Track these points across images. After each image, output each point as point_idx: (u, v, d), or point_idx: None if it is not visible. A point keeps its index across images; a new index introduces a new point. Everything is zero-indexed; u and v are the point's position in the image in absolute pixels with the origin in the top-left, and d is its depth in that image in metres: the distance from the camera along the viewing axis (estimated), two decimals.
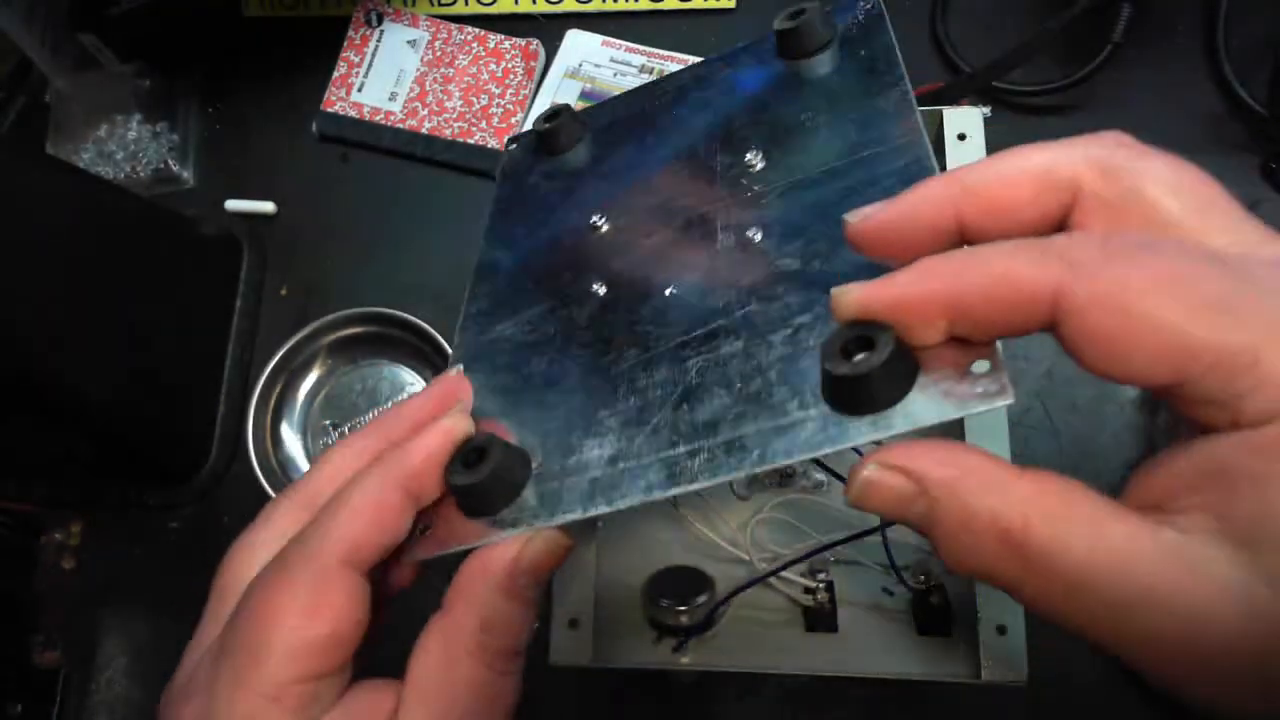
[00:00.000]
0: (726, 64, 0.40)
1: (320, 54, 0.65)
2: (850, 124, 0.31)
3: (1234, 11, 0.55)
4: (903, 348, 0.21)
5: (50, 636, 0.54)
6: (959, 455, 0.20)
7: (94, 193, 0.53)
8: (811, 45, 0.34)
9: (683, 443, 0.26)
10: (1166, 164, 0.21)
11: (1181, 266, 0.18)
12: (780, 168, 0.32)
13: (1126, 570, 0.18)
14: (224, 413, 0.57)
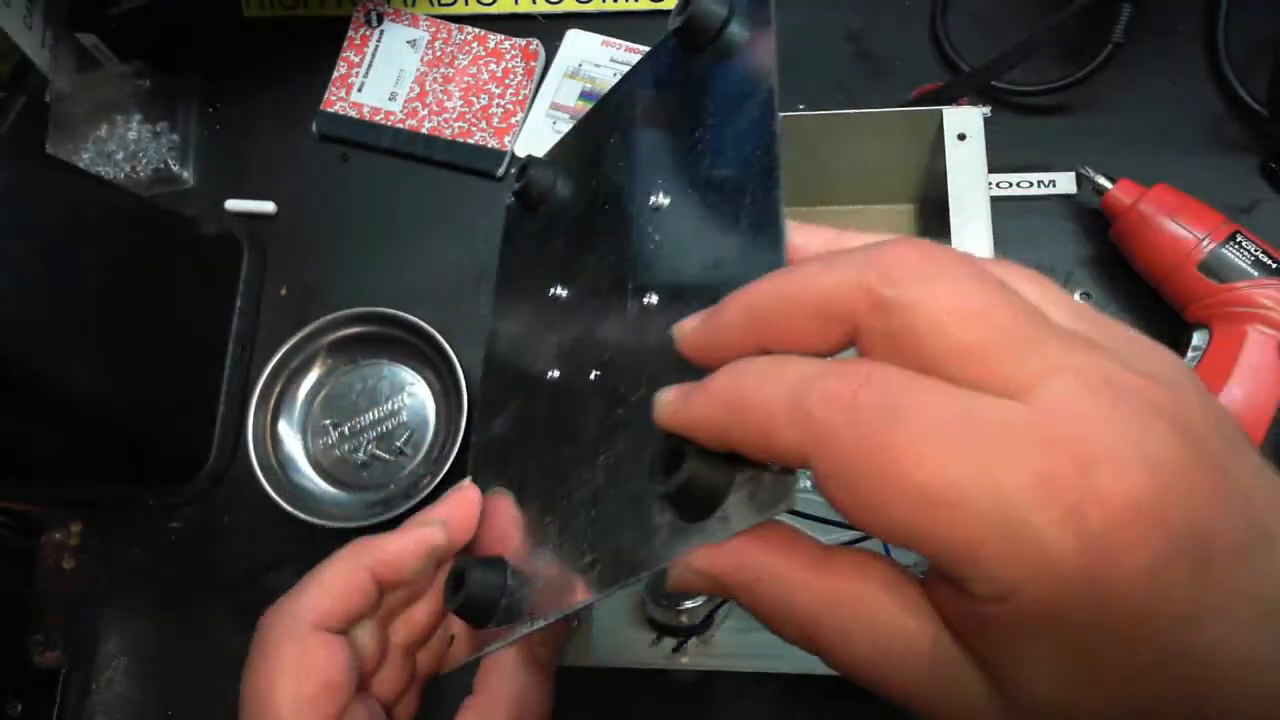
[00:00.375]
0: (640, 77, 0.34)
1: (320, 54, 0.65)
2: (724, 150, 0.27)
3: (1234, 11, 0.55)
4: (704, 464, 0.21)
5: (50, 636, 0.54)
6: (755, 557, 0.22)
7: (94, 193, 0.53)
8: (707, 35, 0.28)
9: (587, 552, 0.26)
10: (949, 290, 0.19)
11: (913, 451, 0.18)
12: (677, 216, 0.29)
13: (901, 671, 0.20)
14: (224, 412, 0.57)
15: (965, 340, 0.18)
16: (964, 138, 0.39)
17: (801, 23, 0.62)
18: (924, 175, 0.42)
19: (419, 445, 0.55)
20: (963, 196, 0.38)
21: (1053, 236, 0.53)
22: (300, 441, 0.56)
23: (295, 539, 0.54)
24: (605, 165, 0.33)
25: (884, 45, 0.61)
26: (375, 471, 0.55)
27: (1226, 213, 0.47)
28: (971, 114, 0.40)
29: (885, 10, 0.61)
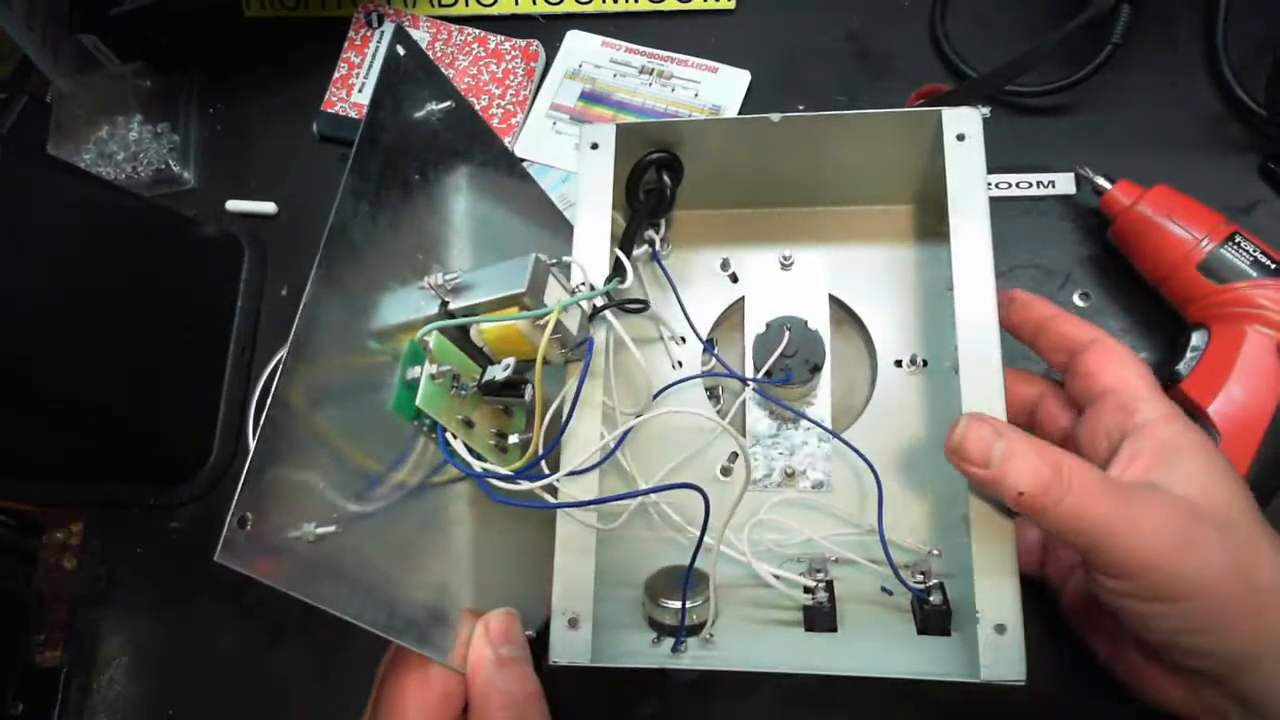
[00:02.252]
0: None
1: (321, 54, 0.65)
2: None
3: (1234, 11, 0.55)
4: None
5: (51, 636, 0.55)
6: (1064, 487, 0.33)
7: (95, 193, 0.53)
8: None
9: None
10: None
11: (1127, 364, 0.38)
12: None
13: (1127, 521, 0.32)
14: (224, 412, 0.57)
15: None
16: (963, 138, 0.39)
17: (801, 23, 0.62)
18: (923, 175, 0.42)
19: None
20: (962, 197, 0.38)
21: (1052, 237, 0.53)
22: None
23: None
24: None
25: (884, 45, 0.61)
26: None
27: (1225, 213, 0.47)
28: (971, 114, 0.39)
29: (885, 10, 0.61)
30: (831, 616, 0.39)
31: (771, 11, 0.62)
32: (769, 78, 0.60)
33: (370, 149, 0.37)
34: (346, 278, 0.35)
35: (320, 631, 0.53)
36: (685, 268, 0.47)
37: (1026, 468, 0.32)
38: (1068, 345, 0.39)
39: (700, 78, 0.61)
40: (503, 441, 0.40)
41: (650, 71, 0.62)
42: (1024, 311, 0.40)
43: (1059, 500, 0.32)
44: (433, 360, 0.37)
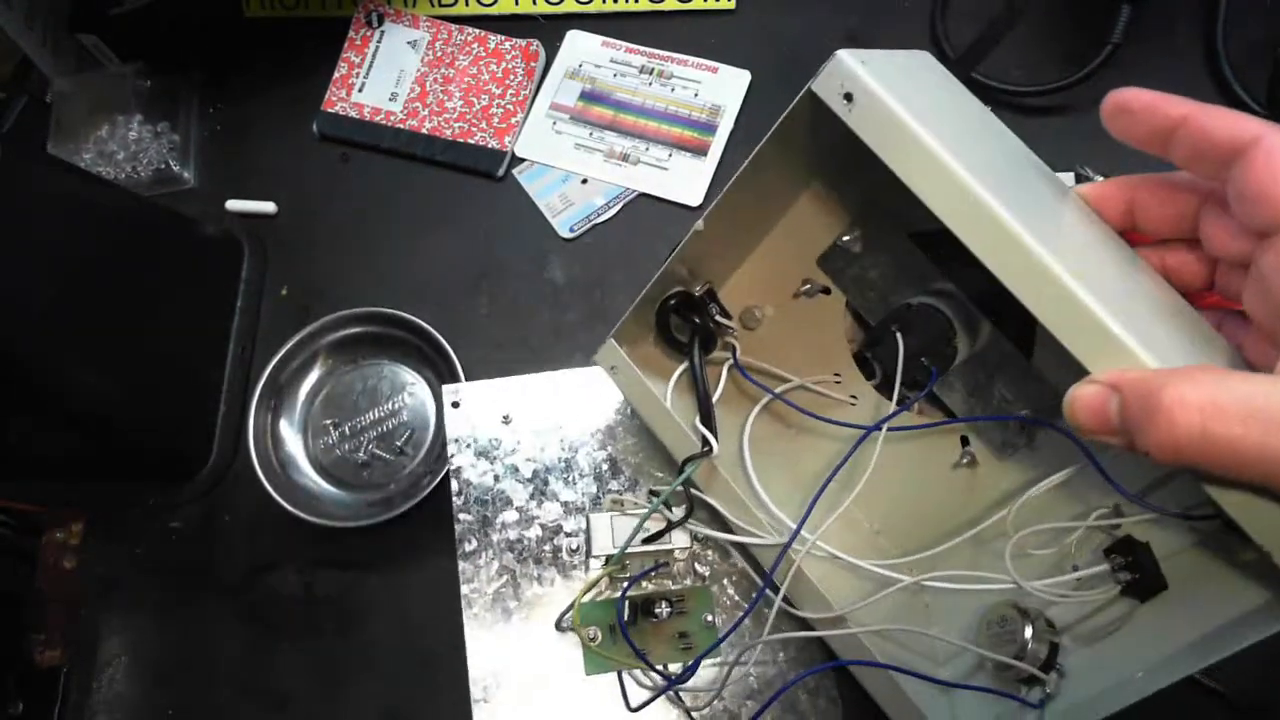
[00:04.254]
0: None
1: (321, 54, 0.65)
2: None
3: (1234, 11, 0.55)
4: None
5: (50, 636, 0.54)
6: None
7: (95, 193, 0.53)
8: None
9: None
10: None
11: None
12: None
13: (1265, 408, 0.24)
14: (224, 412, 0.57)
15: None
16: (851, 98, 0.38)
17: (801, 22, 0.62)
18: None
19: (419, 445, 0.55)
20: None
21: None
22: (301, 441, 0.56)
23: (295, 539, 0.54)
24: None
25: (884, 45, 0.60)
26: (376, 471, 0.55)
27: None
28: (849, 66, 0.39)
29: (885, 10, 0.61)
30: (1157, 573, 0.35)
31: (771, 11, 0.62)
32: (769, 78, 0.60)
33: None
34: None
35: (320, 631, 0.53)
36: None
37: (1163, 425, 0.25)
38: (1216, 153, 0.28)
39: (700, 78, 0.61)
40: (686, 639, 0.46)
41: (650, 71, 0.62)
42: (1143, 119, 0.31)
43: (1218, 447, 0.24)
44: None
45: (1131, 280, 0.32)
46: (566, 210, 0.60)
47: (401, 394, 0.57)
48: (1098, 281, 0.29)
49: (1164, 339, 0.29)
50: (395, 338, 0.57)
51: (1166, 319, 0.31)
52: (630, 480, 0.50)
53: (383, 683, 0.51)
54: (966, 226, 0.30)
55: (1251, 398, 0.24)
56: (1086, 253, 0.31)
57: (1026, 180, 0.34)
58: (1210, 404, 0.24)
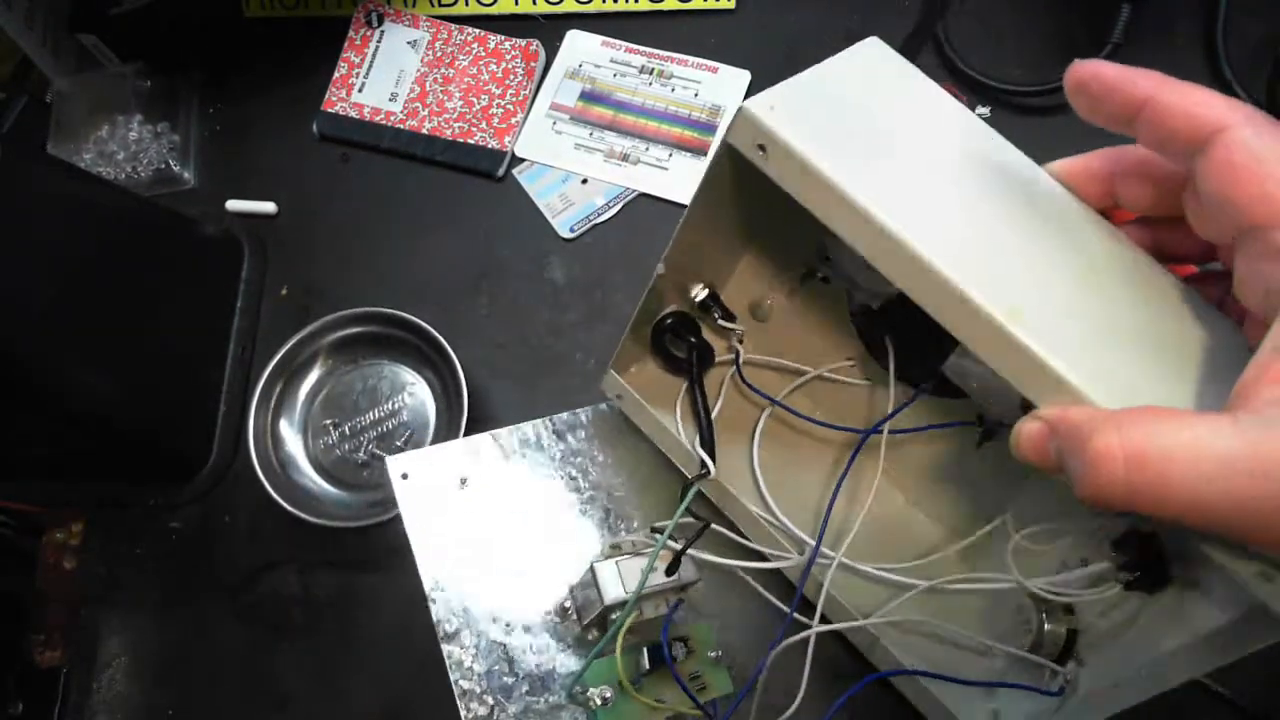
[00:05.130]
0: None
1: (320, 54, 0.65)
2: None
3: (1234, 11, 0.55)
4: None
5: (51, 636, 0.55)
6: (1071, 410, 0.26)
7: (95, 193, 0.53)
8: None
9: None
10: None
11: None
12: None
13: (1208, 446, 0.22)
14: (224, 412, 0.57)
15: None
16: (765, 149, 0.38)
17: (801, 22, 0.62)
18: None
19: (419, 445, 0.55)
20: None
21: None
22: (301, 441, 0.56)
23: (295, 539, 0.54)
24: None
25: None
26: (376, 471, 0.55)
27: None
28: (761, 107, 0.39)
29: (885, 10, 0.61)
30: (1162, 569, 0.34)
31: (771, 11, 0.62)
32: (769, 78, 0.60)
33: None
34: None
35: (320, 631, 0.53)
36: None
37: (1088, 473, 0.24)
38: (1178, 143, 0.26)
39: (700, 77, 0.61)
40: (699, 680, 0.43)
41: (650, 71, 0.62)
42: (1103, 102, 0.28)
43: (1143, 497, 0.24)
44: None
45: (1095, 292, 0.30)
46: (566, 210, 0.59)
47: (401, 394, 0.57)
48: (1044, 310, 0.28)
49: (1120, 367, 0.28)
50: (395, 338, 0.57)
51: (1133, 336, 0.29)
52: (609, 524, 0.47)
53: (383, 683, 0.51)
54: (893, 271, 0.29)
55: (1175, 449, 0.23)
56: (1039, 267, 0.30)
57: (981, 178, 0.33)
58: (1135, 454, 0.23)
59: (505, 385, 0.56)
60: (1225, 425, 0.23)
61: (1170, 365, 0.28)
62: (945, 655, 0.42)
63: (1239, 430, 0.22)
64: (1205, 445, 0.22)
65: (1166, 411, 0.24)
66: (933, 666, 0.41)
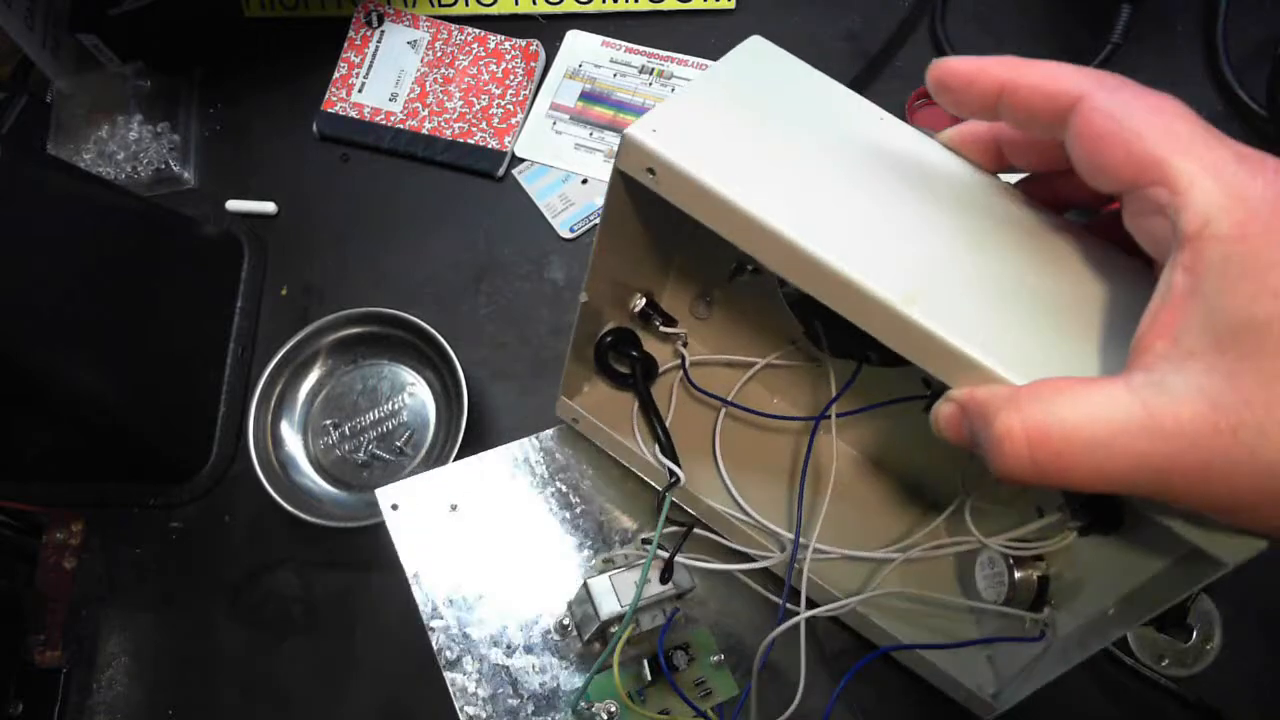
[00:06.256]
0: None
1: (321, 54, 0.65)
2: None
3: (1234, 11, 0.55)
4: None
5: (51, 636, 0.54)
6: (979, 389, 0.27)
7: (95, 193, 0.53)
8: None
9: None
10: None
11: (1169, 107, 0.24)
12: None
13: (1105, 415, 0.23)
14: (225, 412, 0.57)
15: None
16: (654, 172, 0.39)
17: (801, 22, 0.62)
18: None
19: (419, 445, 0.55)
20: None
21: None
22: (301, 441, 0.56)
23: (295, 539, 0.54)
24: None
25: (884, 46, 0.61)
26: (376, 471, 0.55)
27: None
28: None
29: (885, 10, 0.61)
30: (1114, 512, 0.34)
31: (771, 11, 0.62)
32: None
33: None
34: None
35: (320, 631, 0.53)
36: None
37: (995, 454, 0.25)
38: (1042, 121, 0.27)
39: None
40: (704, 685, 0.44)
41: (650, 71, 0.62)
42: (965, 95, 0.29)
43: (1050, 473, 0.24)
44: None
45: (996, 262, 0.30)
46: (566, 210, 0.60)
47: (401, 394, 0.57)
48: (943, 290, 0.28)
49: (1025, 337, 0.28)
50: (395, 338, 0.57)
51: (1037, 302, 0.29)
52: (603, 537, 0.48)
53: (383, 683, 0.51)
54: (791, 272, 0.30)
55: (1074, 423, 0.23)
56: (935, 246, 0.30)
57: (872, 163, 0.33)
58: (1037, 433, 0.24)
59: (505, 385, 0.56)
60: (1120, 392, 0.23)
61: (1077, 326, 0.29)
62: (935, 621, 0.43)
63: (1133, 394, 0.23)
64: (1102, 415, 0.23)
65: (1065, 384, 0.24)
66: (925, 633, 0.42)
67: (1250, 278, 0.22)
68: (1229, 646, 0.46)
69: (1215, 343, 0.22)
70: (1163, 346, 0.23)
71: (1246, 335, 0.22)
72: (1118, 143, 0.25)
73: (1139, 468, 0.23)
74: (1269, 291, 0.21)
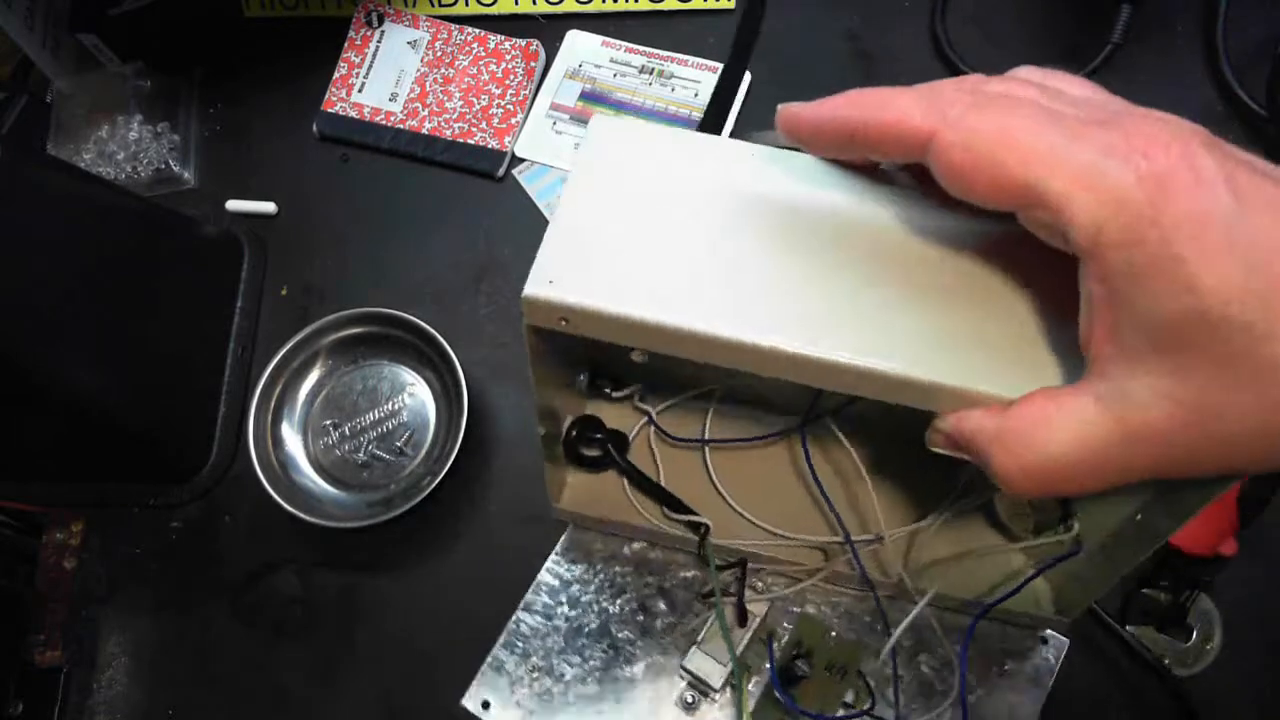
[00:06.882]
0: None
1: (321, 54, 0.65)
2: None
3: (1234, 11, 0.55)
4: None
5: (51, 636, 0.54)
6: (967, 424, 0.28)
7: (95, 193, 0.53)
8: None
9: None
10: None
11: (1023, 123, 0.24)
12: None
13: (1085, 437, 0.25)
14: (225, 412, 0.57)
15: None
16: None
17: (801, 22, 0.62)
18: None
19: (419, 445, 0.55)
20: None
21: None
22: (301, 441, 0.56)
23: (295, 539, 0.54)
24: None
25: (884, 45, 0.61)
26: (376, 471, 0.55)
27: None
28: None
29: (885, 10, 0.61)
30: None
31: (771, 11, 0.62)
32: (769, 78, 0.60)
33: None
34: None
35: (320, 631, 0.53)
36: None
37: (1002, 484, 0.27)
38: (901, 156, 0.27)
39: (700, 78, 0.61)
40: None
41: (650, 71, 0.62)
42: (819, 145, 0.30)
43: (1059, 490, 0.27)
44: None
45: (916, 280, 0.29)
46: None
47: (401, 394, 0.57)
48: (901, 328, 0.28)
49: (974, 350, 0.28)
50: (395, 338, 0.57)
51: (973, 308, 0.29)
52: (673, 602, 0.48)
53: (383, 683, 0.51)
54: (740, 362, 0.30)
55: (1061, 453, 0.25)
56: (852, 286, 0.29)
57: (760, 216, 0.31)
58: (1031, 470, 0.26)
59: (505, 385, 0.56)
60: (1091, 409, 0.25)
61: (1013, 323, 0.29)
62: (985, 574, 0.44)
63: (1103, 409, 0.24)
64: (1083, 439, 0.25)
65: (1041, 415, 0.26)
66: (978, 585, 0.44)
67: (1158, 277, 0.22)
68: (1229, 646, 0.46)
69: (1152, 344, 0.23)
70: (1110, 350, 0.24)
71: (1175, 332, 0.22)
72: (980, 177, 0.25)
73: (1128, 469, 0.25)
74: (1181, 287, 0.22)
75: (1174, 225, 0.22)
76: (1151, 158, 0.22)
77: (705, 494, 0.46)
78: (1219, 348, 0.22)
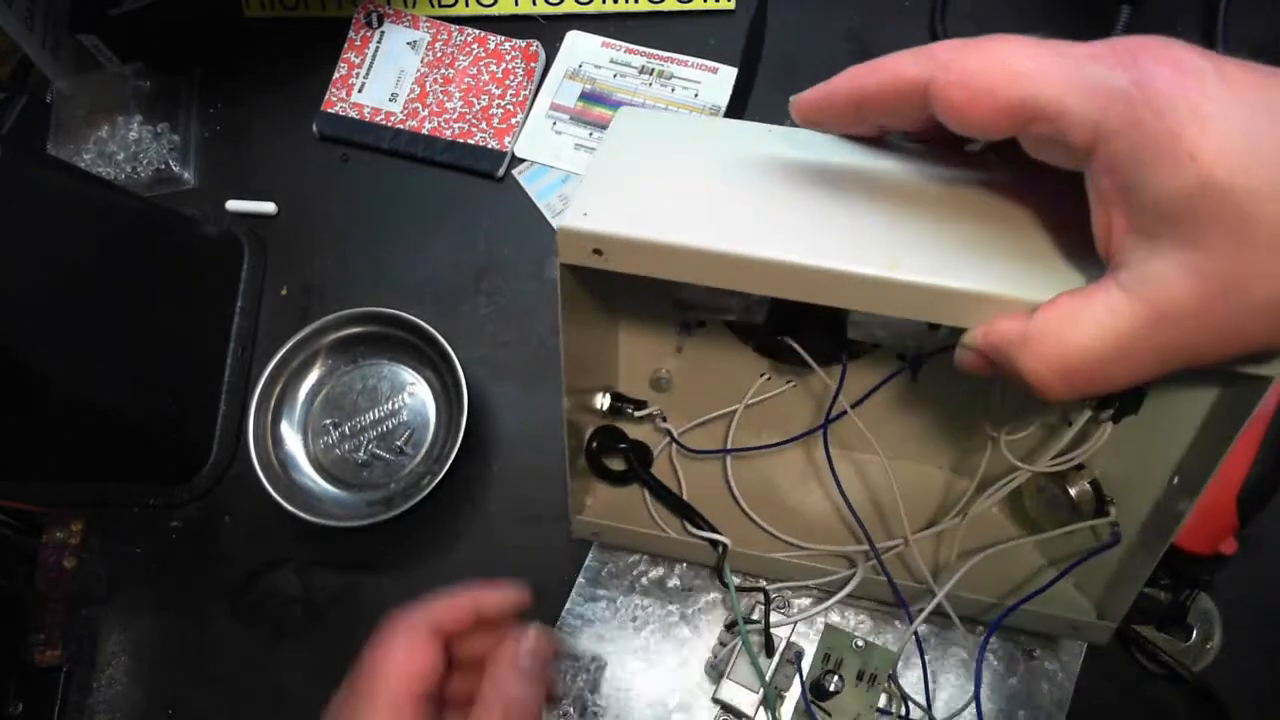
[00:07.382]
0: None
1: (321, 55, 0.65)
2: None
3: (1234, 11, 0.55)
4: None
5: (50, 636, 0.55)
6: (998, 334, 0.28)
7: (95, 193, 0.53)
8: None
9: None
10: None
11: (1012, 50, 0.26)
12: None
13: (1114, 324, 0.25)
14: (224, 412, 0.57)
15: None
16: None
17: (801, 22, 0.62)
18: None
19: (419, 445, 0.55)
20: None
21: None
22: (301, 441, 0.56)
23: (295, 538, 0.54)
24: None
25: (884, 45, 0.60)
26: (376, 471, 0.55)
27: None
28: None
29: (885, 10, 0.61)
30: (1136, 395, 0.37)
31: (771, 11, 0.62)
32: (769, 78, 0.60)
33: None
34: None
35: (320, 631, 0.53)
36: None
37: (1035, 390, 0.27)
38: (907, 113, 0.29)
39: (700, 78, 0.61)
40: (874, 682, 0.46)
41: (650, 71, 0.62)
42: (832, 123, 0.32)
43: (1093, 388, 0.27)
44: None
45: (939, 210, 0.31)
46: (566, 210, 0.59)
47: (401, 394, 0.57)
48: (913, 251, 0.29)
49: (1003, 263, 0.29)
50: (395, 338, 0.57)
51: (996, 233, 0.30)
52: (695, 625, 0.49)
53: None
54: (775, 287, 0.30)
55: (1093, 348, 0.25)
56: (878, 217, 0.30)
57: (792, 173, 0.33)
58: (1063, 369, 0.26)
59: (505, 385, 0.56)
60: (1116, 296, 0.25)
61: (1036, 243, 0.30)
62: (1012, 575, 0.44)
63: (1128, 294, 0.24)
64: (1112, 325, 0.25)
65: (1066, 308, 0.26)
66: (1010, 585, 0.43)
67: (1163, 154, 0.23)
68: (1229, 646, 0.46)
69: (1168, 223, 0.23)
70: (1128, 240, 0.24)
71: (1187, 204, 0.23)
72: (979, 106, 0.26)
73: (1163, 354, 0.25)
74: (1183, 159, 0.22)
75: (1169, 105, 0.22)
76: (1138, 55, 0.23)
77: (727, 509, 0.46)
78: (1231, 214, 0.22)
